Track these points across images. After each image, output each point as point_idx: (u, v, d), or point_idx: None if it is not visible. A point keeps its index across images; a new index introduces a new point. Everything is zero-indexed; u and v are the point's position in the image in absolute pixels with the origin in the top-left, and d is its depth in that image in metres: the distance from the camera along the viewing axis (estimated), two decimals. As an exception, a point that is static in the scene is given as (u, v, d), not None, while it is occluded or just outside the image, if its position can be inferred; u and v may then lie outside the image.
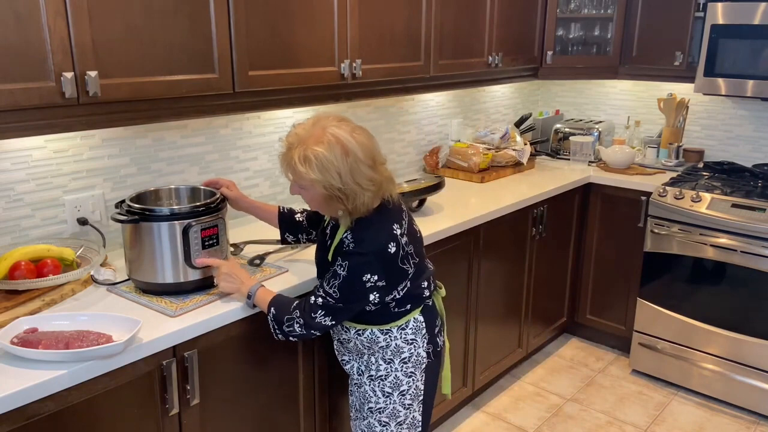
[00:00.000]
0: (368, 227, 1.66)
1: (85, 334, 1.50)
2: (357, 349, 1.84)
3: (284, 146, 1.65)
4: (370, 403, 1.83)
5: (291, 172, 1.63)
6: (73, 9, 1.59)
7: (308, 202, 1.71)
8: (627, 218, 3.30)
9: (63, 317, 1.59)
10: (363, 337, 1.79)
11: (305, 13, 2.17)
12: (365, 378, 1.83)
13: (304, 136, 1.61)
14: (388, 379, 1.80)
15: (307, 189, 1.65)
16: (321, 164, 1.57)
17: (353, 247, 1.65)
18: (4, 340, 1.45)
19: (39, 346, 1.45)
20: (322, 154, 1.56)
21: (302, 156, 1.58)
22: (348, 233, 1.68)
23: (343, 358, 1.92)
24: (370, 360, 1.81)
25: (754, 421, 2.94)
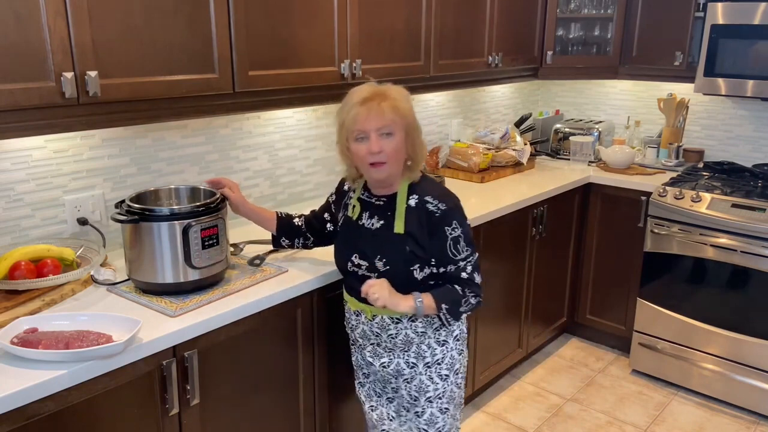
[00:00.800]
0: (431, 182, 1.80)
1: (85, 334, 1.50)
2: (406, 340, 1.79)
3: (364, 99, 1.66)
4: (428, 392, 1.81)
5: (385, 110, 1.64)
6: (73, 9, 1.59)
7: (390, 156, 1.67)
8: (627, 218, 3.30)
9: (63, 317, 1.59)
10: (417, 322, 1.77)
11: (305, 12, 2.17)
12: (421, 367, 1.80)
13: (374, 86, 1.70)
14: (444, 362, 1.81)
15: (393, 135, 1.66)
16: (405, 97, 1.69)
17: (446, 205, 1.72)
18: (4, 340, 1.45)
19: (39, 346, 1.45)
20: (396, 88, 1.70)
21: (388, 92, 1.66)
22: (417, 196, 1.73)
23: (383, 360, 1.84)
24: (421, 348, 1.79)
25: (754, 421, 2.94)
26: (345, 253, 1.82)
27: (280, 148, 2.64)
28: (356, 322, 1.85)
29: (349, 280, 1.84)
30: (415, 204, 1.73)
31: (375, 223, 1.78)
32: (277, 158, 2.64)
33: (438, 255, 1.73)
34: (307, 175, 2.78)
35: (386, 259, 1.73)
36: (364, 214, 1.81)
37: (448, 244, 1.72)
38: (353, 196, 1.86)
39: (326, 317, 2.06)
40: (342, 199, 1.92)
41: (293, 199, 2.74)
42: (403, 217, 1.73)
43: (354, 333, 1.89)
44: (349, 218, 1.84)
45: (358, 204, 1.83)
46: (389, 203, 1.77)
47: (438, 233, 1.71)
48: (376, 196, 1.80)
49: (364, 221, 1.80)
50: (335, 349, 2.12)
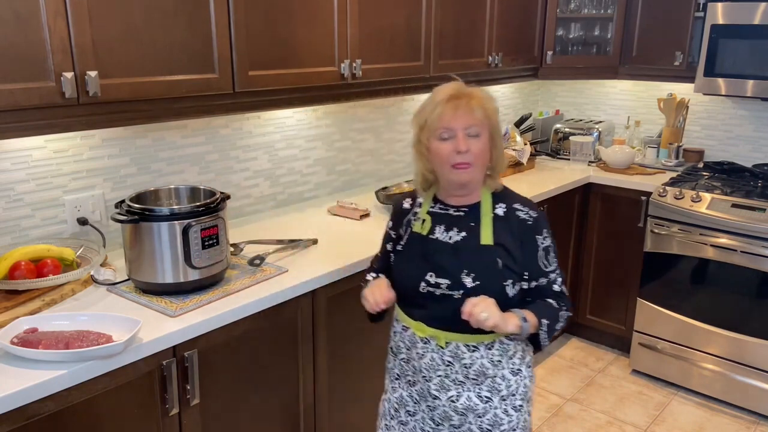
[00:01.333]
0: (515, 193, 1.68)
1: (85, 334, 1.50)
2: (481, 371, 1.59)
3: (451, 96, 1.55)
4: (502, 425, 1.63)
5: (473, 108, 1.53)
6: (73, 9, 1.59)
7: (477, 156, 1.55)
8: (627, 218, 3.30)
9: (63, 317, 1.59)
10: (494, 350, 1.59)
11: (305, 13, 2.17)
12: (496, 401, 1.61)
13: (457, 85, 1.59)
14: (519, 392, 1.64)
15: (480, 136, 1.55)
16: (492, 98, 1.58)
17: (536, 213, 1.63)
18: (4, 340, 1.45)
19: (39, 346, 1.45)
20: (484, 89, 1.60)
21: (474, 90, 1.57)
22: (504, 205, 1.62)
23: (450, 393, 1.61)
24: (495, 380, 1.60)
25: (754, 421, 2.94)
26: (416, 273, 1.60)
27: (280, 148, 2.64)
28: (423, 350, 1.61)
29: (416, 302, 1.61)
30: (504, 213, 1.60)
31: (454, 236, 1.60)
32: (277, 158, 2.64)
33: (529, 267, 1.60)
34: (307, 175, 2.78)
35: (475, 274, 1.54)
36: (438, 228, 1.62)
37: (539, 255, 1.60)
38: (420, 211, 1.67)
39: (326, 317, 2.06)
40: (402, 218, 1.72)
41: (293, 199, 2.74)
42: (491, 227, 1.58)
43: (418, 363, 1.63)
44: (417, 234, 1.64)
45: (428, 217, 1.64)
46: (471, 213, 1.61)
47: (530, 243, 1.60)
48: (453, 207, 1.64)
49: (438, 235, 1.61)
50: (335, 350, 2.12)
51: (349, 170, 2.97)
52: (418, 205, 1.71)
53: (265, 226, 2.44)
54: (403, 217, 1.72)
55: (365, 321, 1.76)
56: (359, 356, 2.22)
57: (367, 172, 3.07)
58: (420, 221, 1.65)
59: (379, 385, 2.35)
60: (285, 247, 2.17)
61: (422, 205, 1.69)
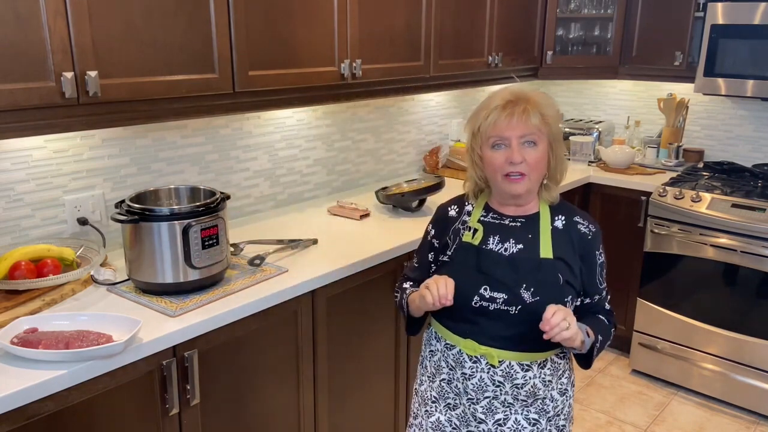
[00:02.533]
0: (574, 206, 1.62)
1: (85, 334, 1.50)
2: (531, 392, 1.52)
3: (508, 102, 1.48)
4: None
5: (531, 116, 1.45)
6: (73, 9, 1.59)
7: (532, 167, 1.47)
8: (627, 218, 3.30)
9: (63, 317, 1.59)
10: (546, 368, 1.52)
11: (305, 12, 2.17)
12: (543, 422, 1.54)
13: (516, 89, 1.51)
14: (563, 412, 1.58)
15: (537, 145, 1.47)
16: (553, 104, 1.49)
17: (594, 228, 1.58)
18: (4, 340, 1.45)
19: (39, 346, 1.45)
20: (542, 94, 1.51)
21: (534, 96, 1.48)
22: (563, 217, 1.56)
23: (497, 417, 1.53)
24: (545, 402, 1.54)
25: (754, 421, 2.94)
26: (468, 286, 1.50)
27: (280, 148, 2.64)
28: (472, 370, 1.52)
29: (467, 317, 1.52)
30: (563, 225, 1.54)
31: (510, 248, 1.51)
32: (277, 158, 2.64)
33: (587, 283, 1.55)
34: (307, 175, 2.78)
35: (534, 289, 1.46)
36: (492, 238, 1.53)
37: (597, 270, 1.55)
38: (470, 219, 1.58)
39: (326, 317, 2.06)
40: (449, 226, 1.62)
41: (293, 199, 2.74)
42: (550, 240, 1.51)
43: (463, 384, 1.54)
44: (468, 244, 1.54)
45: (480, 227, 1.55)
46: (529, 224, 1.54)
47: (589, 258, 1.55)
48: (509, 217, 1.56)
49: (492, 246, 1.52)
50: (335, 350, 2.12)
51: (348, 170, 2.97)
52: (466, 213, 1.62)
53: (265, 226, 2.44)
54: (450, 225, 1.62)
55: (365, 321, 1.76)
56: (359, 356, 2.22)
57: (367, 172, 3.07)
58: (470, 231, 1.55)
59: (379, 384, 2.35)
60: (285, 247, 2.17)
61: (472, 213, 1.60)
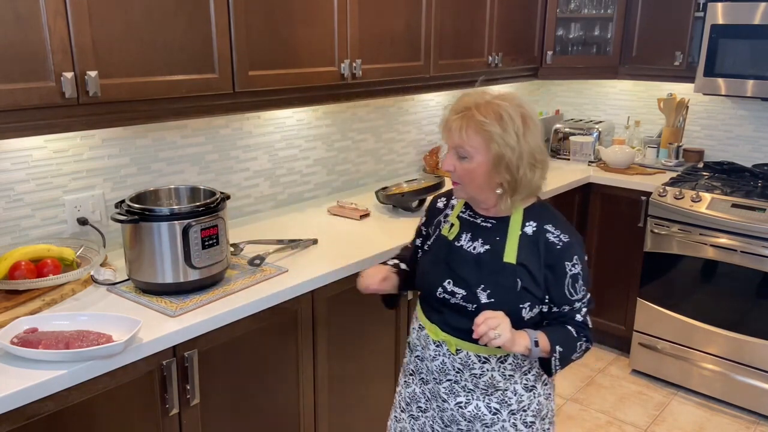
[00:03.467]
0: (551, 210, 1.59)
1: (85, 334, 1.50)
2: (490, 384, 1.56)
3: (454, 110, 1.51)
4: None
5: (465, 129, 1.46)
6: (73, 9, 1.59)
7: (462, 178, 1.51)
8: (627, 218, 3.30)
9: (63, 317, 1.59)
10: (506, 363, 1.55)
11: (305, 13, 2.17)
12: (505, 414, 1.57)
13: (479, 99, 1.50)
14: (531, 408, 1.59)
15: (471, 158, 1.47)
16: (502, 119, 1.44)
17: (569, 237, 1.53)
18: (4, 340, 1.45)
19: (39, 346, 1.45)
20: (505, 108, 1.46)
21: (484, 109, 1.46)
22: (534, 224, 1.54)
23: (459, 400, 1.59)
24: (506, 394, 1.57)
25: (754, 421, 2.94)
26: (435, 277, 1.58)
27: (280, 148, 2.64)
28: (435, 353, 1.60)
29: (433, 305, 1.61)
30: (533, 232, 1.53)
31: (478, 247, 1.55)
32: (277, 158, 2.64)
33: (553, 293, 1.53)
34: (307, 175, 2.78)
35: (491, 291, 1.50)
36: (464, 235, 1.58)
37: (566, 282, 1.52)
38: (451, 213, 1.65)
39: (326, 317, 2.06)
40: (435, 216, 1.70)
41: (293, 199, 2.74)
42: (516, 245, 1.52)
43: (430, 364, 1.63)
44: (444, 237, 1.62)
45: (457, 222, 1.61)
46: (499, 226, 1.55)
47: (557, 268, 1.51)
48: (482, 216, 1.59)
49: (463, 243, 1.57)
50: (335, 350, 2.12)
51: (348, 170, 2.97)
52: (450, 207, 1.67)
53: (265, 226, 2.44)
54: (435, 216, 1.70)
55: (365, 321, 1.76)
56: (359, 356, 2.22)
57: (367, 172, 3.07)
58: (449, 225, 1.62)
59: (379, 384, 2.35)
60: (285, 247, 2.17)
61: (454, 208, 1.66)
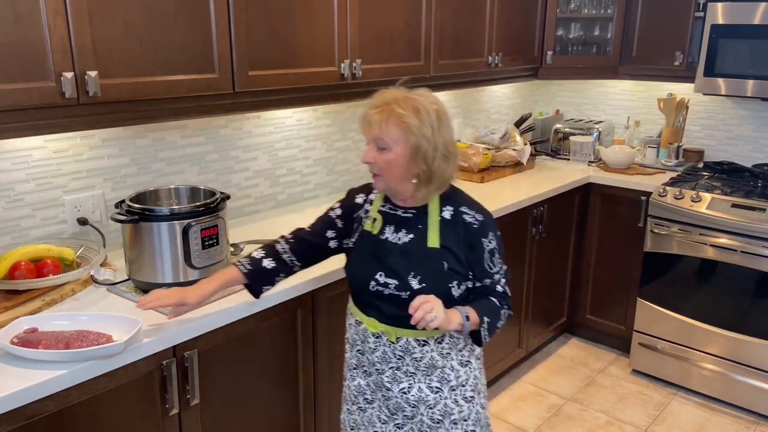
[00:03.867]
0: (464, 194, 1.71)
1: (85, 334, 1.50)
2: (431, 364, 1.65)
3: (373, 105, 1.58)
4: (453, 415, 1.68)
5: (385, 122, 1.54)
6: (73, 9, 1.59)
7: (383, 170, 1.59)
8: (627, 218, 3.30)
9: (63, 317, 1.59)
10: (443, 343, 1.65)
11: (305, 13, 2.17)
12: (446, 391, 1.67)
13: (398, 94, 1.58)
14: (468, 383, 1.70)
15: (390, 149, 1.56)
16: (419, 113, 1.54)
17: (483, 216, 1.66)
18: (4, 340, 1.45)
19: (39, 346, 1.45)
20: (422, 103, 1.56)
21: (403, 103, 1.55)
22: (451, 208, 1.65)
23: (402, 386, 1.67)
24: (444, 371, 1.66)
25: (754, 421, 2.94)
26: (366, 272, 1.65)
27: (280, 148, 2.64)
28: (375, 344, 1.67)
29: (367, 299, 1.67)
30: (451, 216, 1.64)
31: (403, 237, 1.63)
32: (277, 158, 2.64)
33: (475, 268, 1.64)
34: (307, 175, 2.78)
35: (421, 276, 1.59)
36: (388, 228, 1.66)
37: (485, 257, 1.63)
38: (372, 209, 1.71)
39: (326, 317, 2.06)
40: (353, 212, 1.75)
41: (293, 199, 2.74)
42: (438, 230, 1.62)
43: (370, 356, 1.69)
44: (368, 232, 1.68)
45: (379, 217, 1.68)
46: (419, 215, 1.65)
47: (476, 245, 1.63)
48: (402, 208, 1.67)
49: (388, 235, 1.65)
50: (335, 349, 2.12)
51: (349, 170, 2.97)
52: (369, 203, 1.74)
53: (265, 226, 2.44)
54: (354, 211, 1.75)
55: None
56: (359, 356, 2.22)
57: (367, 172, 3.06)
58: (371, 220, 1.69)
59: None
60: (285, 247, 2.17)
61: (374, 203, 1.72)
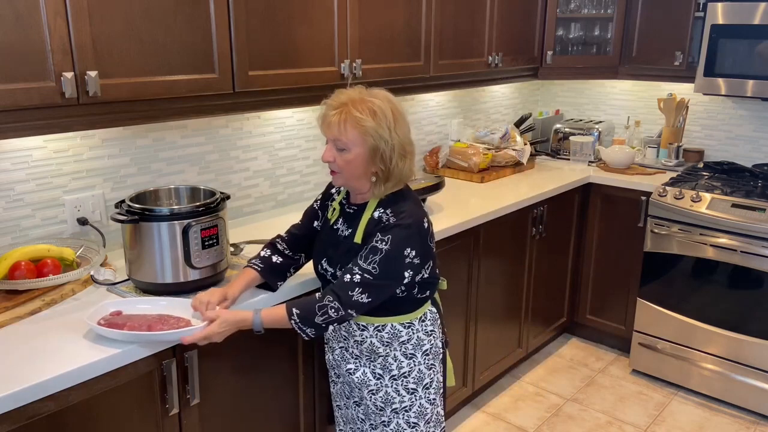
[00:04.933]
0: (404, 200, 1.71)
1: (165, 318, 1.59)
2: (372, 350, 1.75)
3: (331, 106, 1.65)
4: (394, 404, 1.77)
5: (343, 124, 1.61)
6: (73, 9, 1.59)
7: (342, 168, 1.66)
8: (627, 218, 3.30)
9: (145, 301, 1.69)
10: (384, 332, 1.74)
11: (305, 13, 2.17)
12: (387, 379, 1.76)
13: (354, 95, 1.65)
14: (411, 375, 1.77)
15: (348, 150, 1.63)
16: (376, 115, 1.61)
17: (395, 221, 1.65)
18: (92, 321, 1.54)
19: (124, 327, 1.53)
20: (378, 105, 1.63)
21: (360, 105, 1.61)
22: (382, 209, 1.69)
23: (348, 366, 1.80)
24: (387, 360, 1.75)
25: (754, 421, 2.94)
26: (316, 255, 1.82)
27: (280, 148, 2.64)
28: None
29: (320, 279, 1.84)
30: (378, 216, 1.70)
31: (345, 231, 1.76)
32: (277, 158, 2.64)
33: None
34: (307, 175, 2.78)
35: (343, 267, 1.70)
36: (340, 220, 1.79)
37: (366, 248, 1.63)
38: (336, 199, 1.84)
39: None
40: (326, 200, 1.90)
41: (293, 199, 2.74)
42: (364, 228, 1.70)
43: (326, 334, 1.87)
44: (327, 220, 1.83)
45: (338, 207, 1.81)
46: (358, 213, 1.75)
47: (369, 239, 1.65)
48: (350, 204, 1.79)
49: (339, 226, 1.78)
50: (335, 349, 2.12)
51: (349, 170, 2.97)
52: (337, 193, 1.87)
53: (265, 226, 2.44)
54: (327, 200, 1.89)
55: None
56: (359, 356, 2.22)
57: (367, 172, 3.07)
58: (332, 209, 1.83)
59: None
60: (285, 247, 2.17)
61: (339, 194, 1.85)
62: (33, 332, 1.57)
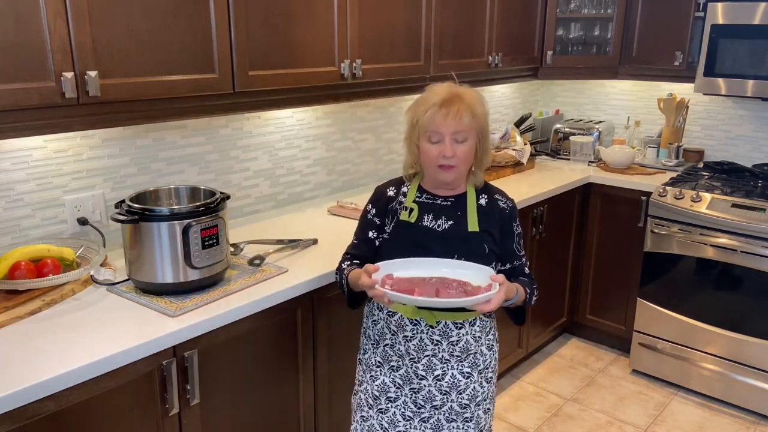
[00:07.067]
0: (492, 186, 1.83)
1: (447, 282, 1.57)
2: (465, 348, 1.71)
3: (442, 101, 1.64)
4: (478, 397, 1.76)
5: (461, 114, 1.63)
6: (73, 9, 1.59)
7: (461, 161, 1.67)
8: (627, 218, 3.30)
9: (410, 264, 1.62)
10: (476, 326, 1.73)
11: (305, 13, 2.17)
12: (475, 375, 1.74)
13: (452, 88, 1.69)
14: (491, 366, 1.80)
15: (466, 141, 1.66)
16: (482, 102, 1.69)
17: (511, 204, 1.79)
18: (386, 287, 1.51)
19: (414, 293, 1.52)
20: (474, 92, 1.70)
21: (466, 95, 1.67)
22: (485, 195, 1.77)
23: (436, 373, 1.70)
24: (476, 356, 1.73)
25: (754, 421, 2.94)
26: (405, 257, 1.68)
27: (280, 148, 2.64)
28: (412, 332, 1.69)
29: None
30: (486, 203, 1.76)
31: (442, 224, 1.72)
32: (277, 158, 2.64)
33: (505, 250, 1.76)
34: (307, 175, 2.78)
35: (465, 258, 1.67)
36: (426, 216, 1.73)
37: (515, 240, 1.77)
38: (405, 200, 1.76)
39: (326, 317, 2.06)
40: (387, 205, 1.79)
41: (293, 199, 2.74)
42: (476, 216, 1.72)
43: (405, 346, 1.71)
44: (405, 222, 1.74)
45: (416, 207, 1.74)
46: (458, 203, 1.74)
47: (508, 229, 1.76)
48: (441, 197, 1.76)
49: (427, 223, 1.72)
50: (335, 349, 2.12)
51: (349, 170, 2.97)
52: (402, 194, 1.79)
53: (265, 226, 2.44)
54: (388, 204, 1.80)
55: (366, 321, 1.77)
56: (359, 356, 2.22)
57: (367, 172, 3.07)
58: (407, 210, 1.75)
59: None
60: (285, 247, 2.17)
61: (407, 194, 1.78)
62: (33, 332, 1.57)
